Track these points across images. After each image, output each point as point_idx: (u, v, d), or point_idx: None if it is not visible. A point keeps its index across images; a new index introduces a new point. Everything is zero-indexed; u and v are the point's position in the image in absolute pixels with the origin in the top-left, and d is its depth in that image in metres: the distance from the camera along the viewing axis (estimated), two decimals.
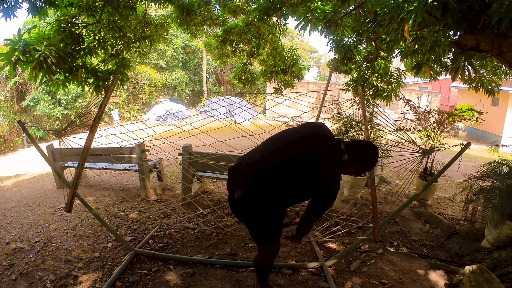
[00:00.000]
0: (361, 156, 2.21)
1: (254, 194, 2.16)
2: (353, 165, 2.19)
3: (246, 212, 2.27)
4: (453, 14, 2.40)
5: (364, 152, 2.23)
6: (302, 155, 2.07)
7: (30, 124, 16.18)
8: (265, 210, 2.22)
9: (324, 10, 4.88)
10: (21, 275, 3.36)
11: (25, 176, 8.07)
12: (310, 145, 2.12)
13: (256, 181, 2.14)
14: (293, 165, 2.06)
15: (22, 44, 3.03)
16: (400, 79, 5.22)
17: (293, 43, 27.51)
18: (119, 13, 4.81)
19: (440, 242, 4.15)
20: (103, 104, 3.05)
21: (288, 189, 2.14)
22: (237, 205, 2.26)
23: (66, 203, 2.86)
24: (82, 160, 2.87)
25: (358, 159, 2.18)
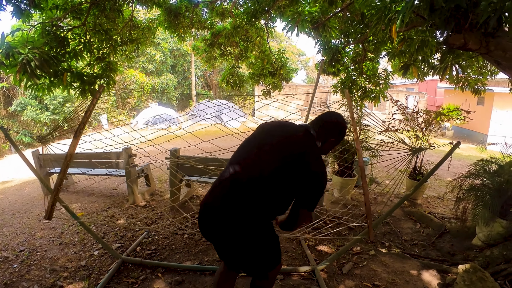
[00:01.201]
0: (331, 132, 2.08)
1: (244, 210, 1.83)
2: (329, 144, 2.11)
3: (238, 234, 1.86)
4: (440, 13, 2.40)
5: (332, 127, 2.09)
6: (290, 156, 1.89)
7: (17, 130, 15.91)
8: (260, 225, 1.91)
9: (311, 11, 4.89)
10: (5, 286, 3.25)
11: (12, 182, 7.90)
12: (294, 144, 1.94)
13: (243, 194, 1.84)
14: (284, 168, 1.86)
15: (5, 48, 2.96)
16: (387, 80, 5.25)
17: (281, 46, 27.62)
18: (106, 16, 4.75)
19: (432, 241, 4.16)
20: (88, 110, 2.99)
21: (281, 195, 1.91)
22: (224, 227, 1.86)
23: (46, 210, 2.76)
24: (64, 166, 2.80)
25: (331, 135, 2.08)
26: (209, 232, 1.93)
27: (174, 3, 6.06)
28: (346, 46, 5.11)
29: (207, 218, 1.89)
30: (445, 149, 3.30)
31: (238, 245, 1.88)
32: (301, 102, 19.84)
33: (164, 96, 24.31)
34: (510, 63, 2.66)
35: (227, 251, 1.97)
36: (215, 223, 1.86)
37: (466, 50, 2.83)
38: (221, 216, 1.82)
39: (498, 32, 2.51)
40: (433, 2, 2.33)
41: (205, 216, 1.90)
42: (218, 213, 1.83)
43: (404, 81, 21.43)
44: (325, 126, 2.06)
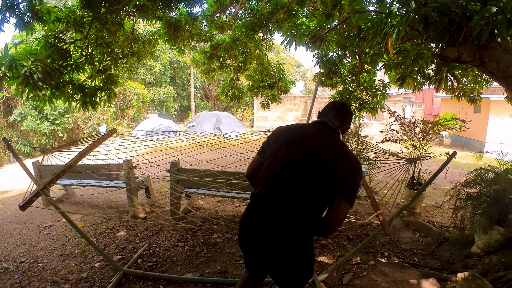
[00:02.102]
0: (348, 119, 2.12)
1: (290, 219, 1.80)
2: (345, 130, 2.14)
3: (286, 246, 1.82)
4: (435, 27, 2.47)
5: (347, 115, 2.13)
6: (324, 157, 1.83)
7: (17, 139, 15.91)
8: (305, 236, 1.87)
9: (309, 25, 4.98)
10: None
11: (11, 192, 7.89)
12: (321, 143, 1.90)
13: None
14: (320, 169, 1.82)
15: (8, 60, 3.01)
16: (384, 91, 5.33)
17: (279, 57, 27.85)
18: (107, 29, 4.82)
19: (431, 250, 4.19)
20: (89, 148, 3.04)
21: (319, 197, 1.84)
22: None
23: (24, 199, 2.69)
24: (60, 172, 2.82)
25: (349, 123, 2.13)
26: (253, 243, 1.91)
27: (174, 17, 6.14)
28: (343, 59, 5.19)
29: (253, 230, 1.90)
30: (443, 158, 3.35)
31: (283, 257, 1.84)
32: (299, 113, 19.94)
33: (163, 107, 24.41)
34: (503, 73, 2.73)
35: (268, 263, 1.91)
36: (261, 235, 1.85)
37: (461, 63, 2.90)
38: (268, 228, 1.82)
39: (491, 44, 2.58)
40: (428, 16, 2.41)
41: (251, 228, 1.91)
42: (266, 225, 1.83)
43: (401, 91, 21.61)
44: (346, 118, 2.10)
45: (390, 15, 2.82)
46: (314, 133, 1.95)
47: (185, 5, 5.93)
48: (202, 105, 28.71)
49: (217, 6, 6.11)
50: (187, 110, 27.37)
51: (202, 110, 26.00)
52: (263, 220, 1.85)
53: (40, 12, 3.85)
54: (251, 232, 1.90)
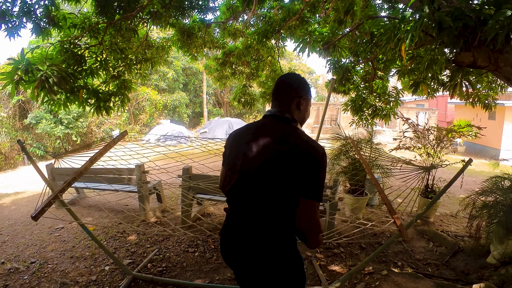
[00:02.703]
0: (296, 94, 1.71)
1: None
2: (307, 105, 1.76)
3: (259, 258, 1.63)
4: (449, 32, 2.44)
5: (293, 89, 1.72)
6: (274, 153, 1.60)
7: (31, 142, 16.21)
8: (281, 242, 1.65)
9: (322, 32, 4.97)
10: None
11: (24, 194, 8.00)
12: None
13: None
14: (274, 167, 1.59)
15: (25, 64, 3.07)
16: (398, 98, 5.27)
17: (291, 64, 27.92)
18: (121, 35, 4.89)
19: (445, 260, 4.08)
20: (100, 153, 3.08)
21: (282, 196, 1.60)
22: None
23: (37, 209, 2.67)
24: (71, 179, 2.85)
25: (297, 98, 1.71)
26: (231, 259, 1.76)
27: (187, 24, 6.21)
28: (356, 65, 5.16)
29: (228, 245, 1.74)
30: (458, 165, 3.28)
31: (260, 271, 1.63)
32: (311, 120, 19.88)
33: (175, 113, 24.61)
34: None
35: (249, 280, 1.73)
36: (235, 253, 1.71)
37: (476, 68, 2.85)
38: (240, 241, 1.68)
39: (506, 48, 2.54)
40: (441, 21, 2.37)
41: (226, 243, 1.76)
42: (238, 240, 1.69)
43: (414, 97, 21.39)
44: (292, 93, 1.71)
45: (403, 21, 2.79)
46: (259, 131, 1.69)
47: (198, 12, 5.99)
48: (214, 111, 28.89)
49: (230, 13, 6.16)
50: (200, 116, 27.56)
51: (214, 116, 26.17)
52: (234, 237, 1.71)
53: (56, 18, 3.93)
54: (226, 250, 1.77)
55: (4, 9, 3.35)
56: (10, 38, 3.53)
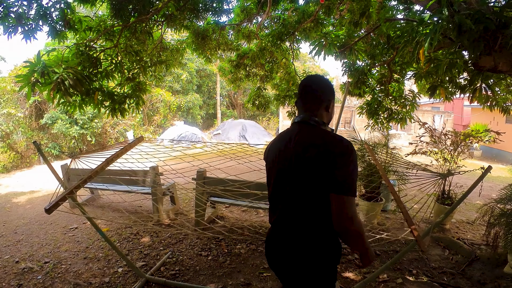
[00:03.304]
0: (324, 96, 1.76)
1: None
2: (332, 107, 1.82)
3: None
4: (469, 35, 2.37)
5: (318, 93, 1.77)
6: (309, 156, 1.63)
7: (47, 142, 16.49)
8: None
9: (338, 34, 4.91)
10: None
11: (39, 193, 8.12)
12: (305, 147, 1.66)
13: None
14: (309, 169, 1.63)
15: (41, 66, 3.10)
16: (414, 101, 5.17)
17: (305, 66, 27.80)
18: (136, 38, 4.91)
19: (461, 269, 3.97)
20: (116, 155, 3.09)
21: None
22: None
23: (51, 202, 2.68)
24: (87, 177, 2.86)
25: (323, 101, 1.76)
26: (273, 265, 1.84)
27: (201, 26, 6.22)
28: (372, 68, 5.09)
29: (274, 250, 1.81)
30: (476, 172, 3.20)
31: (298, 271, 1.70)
32: None
33: (189, 114, 24.75)
34: None
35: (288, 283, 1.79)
36: (277, 259, 1.79)
37: (497, 72, 2.77)
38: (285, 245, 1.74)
39: None
40: (461, 23, 2.31)
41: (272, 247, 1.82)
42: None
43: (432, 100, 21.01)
44: (319, 97, 1.76)
45: (422, 23, 2.73)
46: (292, 137, 1.74)
47: (212, 15, 5.99)
48: (227, 113, 28.96)
49: (244, 15, 6.15)
50: (213, 118, 27.68)
51: (227, 118, 26.24)
52: (274, 241, 1.80)
53: (71, 21, 3.98)
54: (270, 257, 1.84)
55: (20, 12, 3.39)
56: (27, 40, 3.57)
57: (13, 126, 15.52)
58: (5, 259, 4.17)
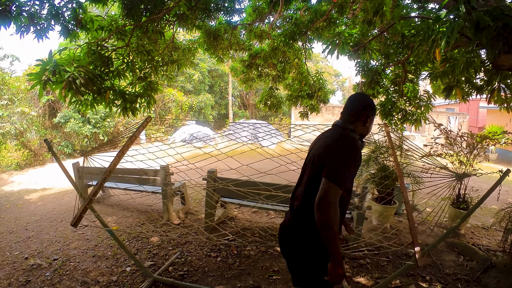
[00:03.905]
0: (361, 108, 1.97)
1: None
2: (370, 122, 2.01)
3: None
4: (487, 33, 2.28)
5: (356, 106, 2.00)
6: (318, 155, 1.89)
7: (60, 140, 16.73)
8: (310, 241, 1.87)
9: (351, 33, 4.83)
10: None
11: (51, 190, 8.21)
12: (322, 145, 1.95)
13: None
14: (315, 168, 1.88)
15: (53, 65, 3.10)
16: (429, 102, 5.05)
17: (317, 66, 27.68)
18: (148, 38, 4.91)
19: (476, 276, 3.85)
20: (134, 135, 3.08)
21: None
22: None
23: (75, 216, 2.82)
24: (102, 180, 2.86)
25: (358, 115, 1.97)
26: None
27: (213, 26, 6.20)
28: (386, 68, 4.99)
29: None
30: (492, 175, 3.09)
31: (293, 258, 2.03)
32: None
33: (201, 114, 24.84)
34: None
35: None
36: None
37: None
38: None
39: None
40: (479, 21, 2.22)
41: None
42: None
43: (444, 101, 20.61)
44: (357, 107, 1.98)
45: (438, 21, 2.65)
46: (321, 137, 2.07)
47: (224, 14, 5.98)
48: (239, 113, 28.99)
49: (256, 15, 6.10)
50: (225, 118, 27.72)
51: (239, 118, 26.26)
52: (284, 227, 2.10)
53: (83, 21, 3.98)
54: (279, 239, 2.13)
55: (32, 12, 3.41)
56: (39, 40, 3.59)
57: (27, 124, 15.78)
58: (15, 255, 4.21)
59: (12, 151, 15.03)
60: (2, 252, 4.29)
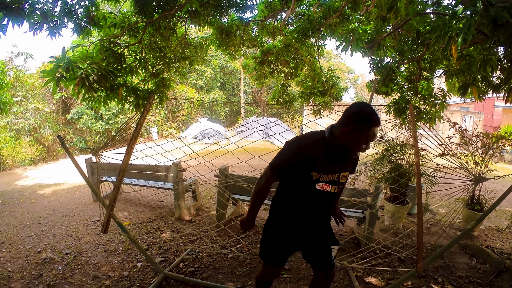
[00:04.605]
0: (344, 119, 1.95)
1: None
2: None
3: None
4: (505, 29, 2.22)
5: (344, 114, 1.97)
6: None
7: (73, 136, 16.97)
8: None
9: (365, 30, 4.76)
10: (48, 286, 3.38)
11: (64, 185, 8.33)
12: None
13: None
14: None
15: (66, 62, 3.12)
16: (444, 100, 4.95)
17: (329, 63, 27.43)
18: (160, 34, 4.91)
19: (489, 279, 3.76)
20: (139, 124, 3.09)
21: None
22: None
23: (102, 224, 2.91)
24: (118, 183, 2.90)
25: (344, 123, 1.94)
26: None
27: (225, 22, 6.19)
28: (400, 65, 4.90)
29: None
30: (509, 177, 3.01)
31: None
32: None
33: (213, 111, 24.90)
34: None
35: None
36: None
37: None
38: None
39: None
40: (497, 17, 2.16)
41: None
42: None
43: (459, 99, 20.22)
44: (341, 118, 2.00)
45: (454, 17, 2.58)
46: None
47: (236, 11, 5.95)
48: (251, 110, 28.97)
49: (268, 11, 6.06)
50: (236, 115, 27.73)
51: (251, 115, 26.22)
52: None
53: (96, 18, 4.01)
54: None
55: (45, 9, 3.43)
56: (52, 37, 3.62)
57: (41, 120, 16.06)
58: (28, 248, 4.27)
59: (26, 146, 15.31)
60: (16, 246, 4.37)
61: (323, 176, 2.04)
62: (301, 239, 2.26)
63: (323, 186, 2.07)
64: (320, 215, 2.24)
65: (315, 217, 2.22)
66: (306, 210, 2.17)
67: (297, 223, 2.20)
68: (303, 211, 2.17)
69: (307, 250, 2.33)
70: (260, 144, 13.41)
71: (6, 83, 7.61)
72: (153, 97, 3.35)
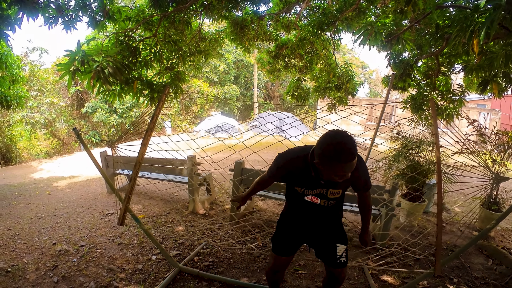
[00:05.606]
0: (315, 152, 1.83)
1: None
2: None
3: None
4: None
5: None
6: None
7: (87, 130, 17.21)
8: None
9: (384, 23, 4.66)
10: (63, 278, 3.43)
11: (79, 178, 8.45)
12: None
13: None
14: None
15: (81, 55, 3.13)
16: (463, 96, 4.83)
17: (344, 58, 27.15)
18: (175, 28, 4.91)
19: (505, 281, 3.66)
20: (155, 115, 3.08)
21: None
22: None
23: (119, 217, 2.92)
24: (134, 175, 2.91)
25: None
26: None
27: (239, 16, 6.15)
28: (418, 59, 4.79)
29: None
30: None
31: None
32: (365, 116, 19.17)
33: (226, 105, 24.93)
34: None
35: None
36: None
37: None
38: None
39: None
40: None
41: None
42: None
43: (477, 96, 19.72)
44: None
45: (476, 11, 2.50)
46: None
47: (250, 4, 5.90)
48: (264, 104, 28.90)
49: (283, 4, 5.99)
50: (250, 109, 27.72)
51: (264, 110, 26.17)
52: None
53: (111, 12, 4.02)
54: None
55: (60, 3, 3.45)
56: (67, 31, 3.65)
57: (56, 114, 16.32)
58: (43, 240, 4.35)
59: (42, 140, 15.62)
60: (31, 237, 4.45)
61: (307, 190, 2.12)
62: (305, 234, 2.36)
63: (312, 199, 2.15)
64: (319, 221, 2.28)
65: (313, 222, 2.29)
66: (303, 216, 2.29)
67: (299, 223, 2.33)
68: (301, 216, 2.29)
69: (314, 246, 2.41)
70: (272, 139, 13.36)
71: (21, 78, 7.74)
72: (168, 90, 3.33)
